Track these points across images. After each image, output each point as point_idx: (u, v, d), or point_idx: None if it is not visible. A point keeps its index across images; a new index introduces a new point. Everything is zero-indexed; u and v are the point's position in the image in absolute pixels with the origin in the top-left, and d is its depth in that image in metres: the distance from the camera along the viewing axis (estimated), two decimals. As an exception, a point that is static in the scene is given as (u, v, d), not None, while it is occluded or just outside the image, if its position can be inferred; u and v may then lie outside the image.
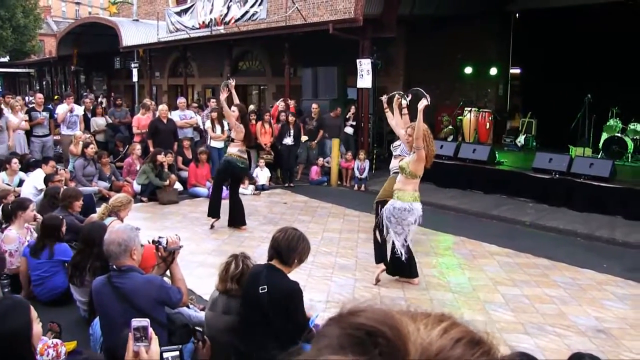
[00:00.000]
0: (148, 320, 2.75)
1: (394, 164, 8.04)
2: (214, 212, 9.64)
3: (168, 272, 4.80)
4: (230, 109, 9.20)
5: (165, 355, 3.23)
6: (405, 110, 7.85)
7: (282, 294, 4.02)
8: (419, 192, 6.85)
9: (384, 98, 8.50)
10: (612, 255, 8.55)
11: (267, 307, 3.97)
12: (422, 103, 6.54)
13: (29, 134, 13.16)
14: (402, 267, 7.02)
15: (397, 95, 7.91)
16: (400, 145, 8.00)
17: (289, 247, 4.10)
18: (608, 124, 13.44)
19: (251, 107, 16.30)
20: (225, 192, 9.97)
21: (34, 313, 3.26)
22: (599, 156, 12.81)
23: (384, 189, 8.17)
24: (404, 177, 6.75)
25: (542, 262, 8.07)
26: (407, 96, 7.84)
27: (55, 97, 18.17)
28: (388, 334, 0.75)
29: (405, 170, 6.69)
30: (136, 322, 2.70)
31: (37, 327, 3.39)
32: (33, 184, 9.64)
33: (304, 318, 4.13)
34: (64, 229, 6.24)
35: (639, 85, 13.17)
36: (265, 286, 4.00)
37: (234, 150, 9.36)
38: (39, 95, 14.23)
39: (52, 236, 6.09)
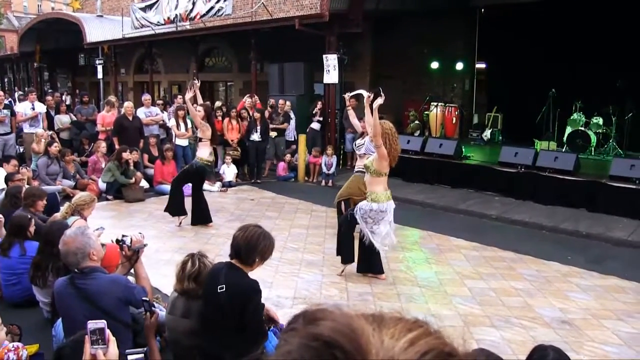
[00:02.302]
0: (104, 322, 2.68)
1: (359, 163, 8.07)
2: (179, 210, 9.56)
3: (132, 271, 4.74)
4: (195, 108, 9.18)
5: (129, 357, 3.18)
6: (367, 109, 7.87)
7: (240, 294, 3.92)
8: (389, 190, 6.89)
9: (347, 95, 8.53)
10: (576, 247, 8.69)
11: (225, 306, 3.89)
12: (377, 101, 6.57)
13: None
14: (370, 264, 7.06)
15: (366, 95, 7.90)
16: (364, 143, 8.01)
17: (248, 246, 3.96)
18: (572, 117, 13.61)
19: (217, 103, 16.16)
20: (187, 190, 9.92)
21: None
22: (563, 150, 12.97)
23: (347, 187, 8.20)
24: (370, 176, 6.77)
25: (508, 255, 8.15)
26: (370, 95, 7.84)
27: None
28: (346, 347, 0.71)
29: (370, 168, 6.71)
30: (92, 324, 2.63)
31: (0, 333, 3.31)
32: (-7, 183, 9.45)
33: (260, 318, 4.06)
34: (32, 228, 6.12)
35: (601, 79, 13.35)
36: (224, 285, 3.91)
37: (204, 154, 9.32)
38: None
39: (19, 234, 5.97)
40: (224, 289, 3.90)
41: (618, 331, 5.64)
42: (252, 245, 3.96)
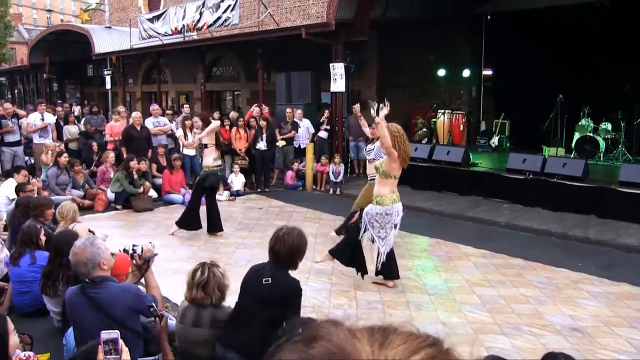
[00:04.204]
0: (118, 332, 2.70)
1: (370, 169, 8.07)
2: (190, 224, 9.57)
3: (143, 280, 4.76)
4: (198, 125, 9.49)
5: None
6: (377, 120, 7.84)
7: (285, 289, 4.18)
8: (397, 192, 6.87)
9: (357, 107, 8.54)
10: (586, 253, 8.64)
11: (268, 298, 4.10)
12: (382, 112, 6.58)
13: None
14: (384, 268, 7.03)
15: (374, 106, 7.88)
16: (374, 148, 8.01)
17: (292, 253, 4.26)
18: (580, 123, 13.58)
19: (233, 114, 16.20)
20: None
21: (10, 325, 3.22)
22: (572, 156, 12.94)
23: (363, 195, 8.17)
24: (379, 177, 6.77)
25: (517, 262, 8.12)
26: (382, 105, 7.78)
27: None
28: None
29: (379, 169, 6.72)
30: (105, 334, 2.65)
31: (13, 338, 3.34)
32: (5, 193, 9.51)
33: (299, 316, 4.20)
34: (43, 237, 6.16)
35: (609, 85, 13.33)
36: (270, 278, 4.16)
37: (209, 161, 9.34)
38: (7, 105, 14.01)
39: (30, 243, 6.00)
40: (270, 282, 4.14)
41: (631, 339, 5.60)
42: (296, 251, 4.29)
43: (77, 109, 20.41)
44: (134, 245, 4.68)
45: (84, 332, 3.88)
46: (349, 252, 7.17)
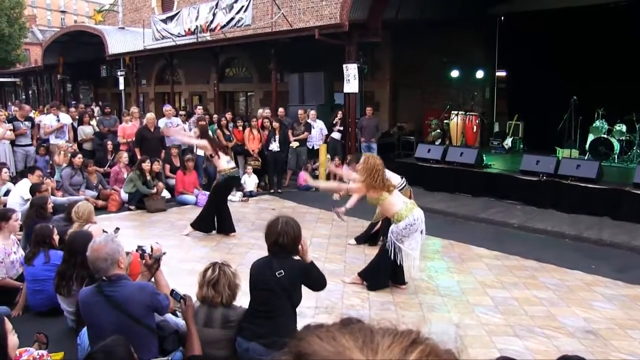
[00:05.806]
0: None
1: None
2: (210, 228, 9.67)
3: (153, 279, 4.79)
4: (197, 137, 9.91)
5: None
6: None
7: (298, 273, 4.47)
8: (409, 200, 6.87)
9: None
10: (600, 256, 8.58)
11: (287, 287, 4.35)
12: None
13: (12, 144, 13.13)
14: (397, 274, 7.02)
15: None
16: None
17: (295, 242, 4.46)
18: (594, 125, 13.49)
19: (261, 111, 16.20)
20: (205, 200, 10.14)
21: (8, 325, 3.25)
22: (586, 157, 12.86)
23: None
24: (380, 205, 6.84)
25: (530, 264, 8.09)
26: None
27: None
28: None
29: (370, 201, 6.87)
30: None
31: (12, 338, 3.37)
32: (19, 193, 9.58)
33: (321, 272, 4.69)
34: (56, 237, 6.21)
35: (623, 86, 13.23)
36: (282, 271, 4.35)
37: (223, 165, 9.41)
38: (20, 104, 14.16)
39: (44, 243, 6.06)
40: (283, 274, 4.35)
41: (645, 342, 5.57)
42: (298, 238, 4.49)
43: (97, 110, 20.59)
44: (141, 246, 4.73)
45: (99, 331, 3.90)
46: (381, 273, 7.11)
